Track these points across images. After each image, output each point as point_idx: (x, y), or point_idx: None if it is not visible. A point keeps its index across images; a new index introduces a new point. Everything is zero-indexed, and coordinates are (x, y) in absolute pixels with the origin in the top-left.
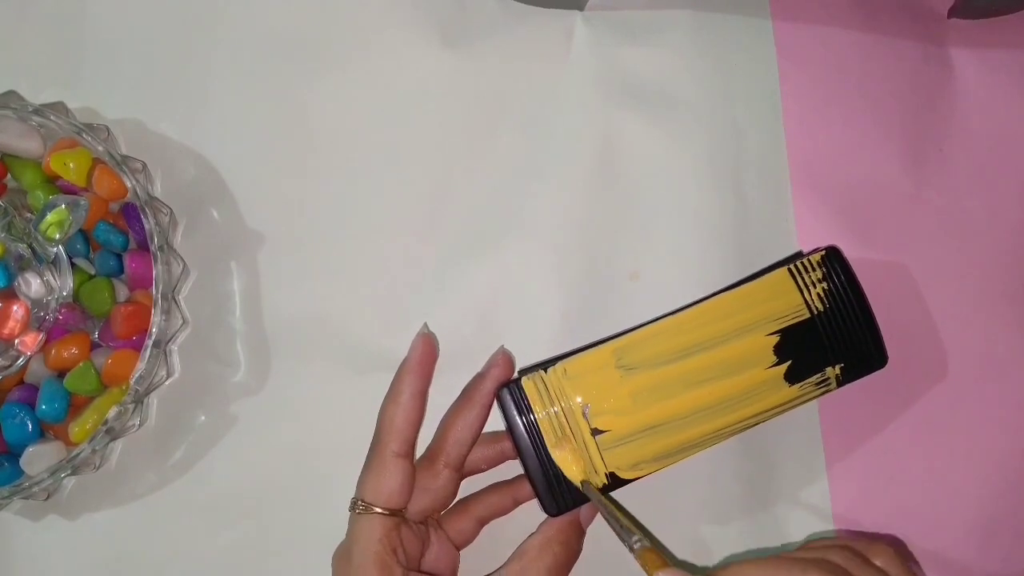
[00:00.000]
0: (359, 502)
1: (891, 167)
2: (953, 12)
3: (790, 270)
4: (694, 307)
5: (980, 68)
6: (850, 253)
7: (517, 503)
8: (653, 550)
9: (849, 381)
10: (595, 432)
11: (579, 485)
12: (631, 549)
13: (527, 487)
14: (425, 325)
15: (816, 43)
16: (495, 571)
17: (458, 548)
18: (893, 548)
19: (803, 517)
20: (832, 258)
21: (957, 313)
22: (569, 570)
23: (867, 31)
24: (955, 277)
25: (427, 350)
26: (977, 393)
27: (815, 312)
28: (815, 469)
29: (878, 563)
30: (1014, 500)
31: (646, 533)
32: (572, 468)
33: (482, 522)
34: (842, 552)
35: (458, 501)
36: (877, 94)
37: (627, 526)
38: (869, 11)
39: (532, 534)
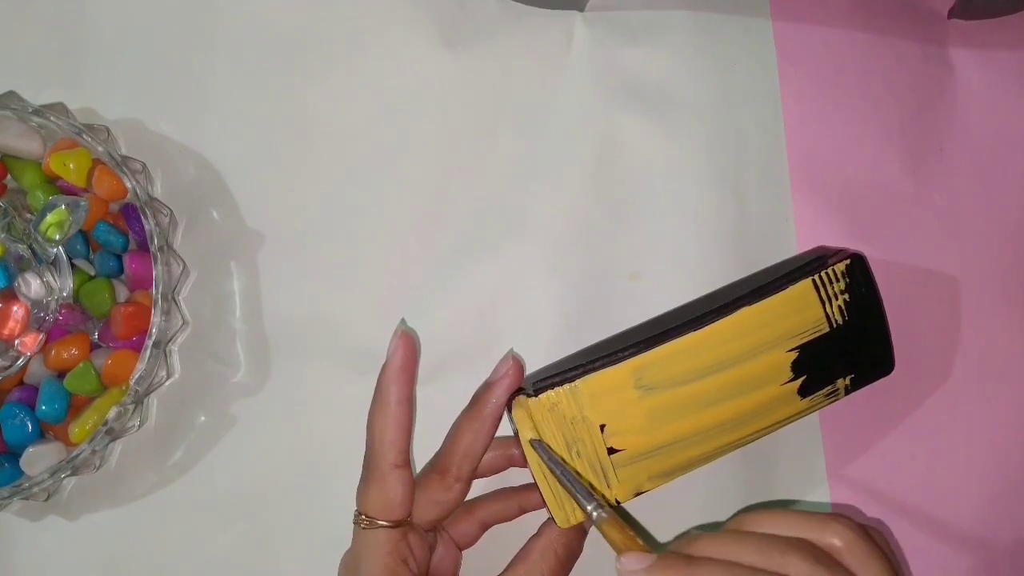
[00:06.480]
0: (363, 517)
1: (891, 167)
2: (953, 12)
3: (814, 282)
4: (717, 322)
5: (980, 68)
6: None
7: (523, 511)
8: (616, 523)
9: (855, 390)
10: (611, 451)
11: (528, 443)
12: (589, 516)
13: (534, 496)
14: (403, 321)
15: (816, 43)
16: (499, 575)
17: (460, 549)
18: (847, 525)
19: None
20: (856, 268)
21: (957, 313)
22: (570, 571)
23: (867, 31)
24: (955, 277)
25: (408, 352)
26: (977, 394)
27: (834, 325)
28: (815, 473)
29: (835, 542)
30: (1014, 502)
31: (609, 504)
32: (524, 424)
33: (486, 526)
34: (803, 548)
35: (463, 503)
36: (877, 94)
37: (587, 490)
38: (869, 11)
39: (533, 536)
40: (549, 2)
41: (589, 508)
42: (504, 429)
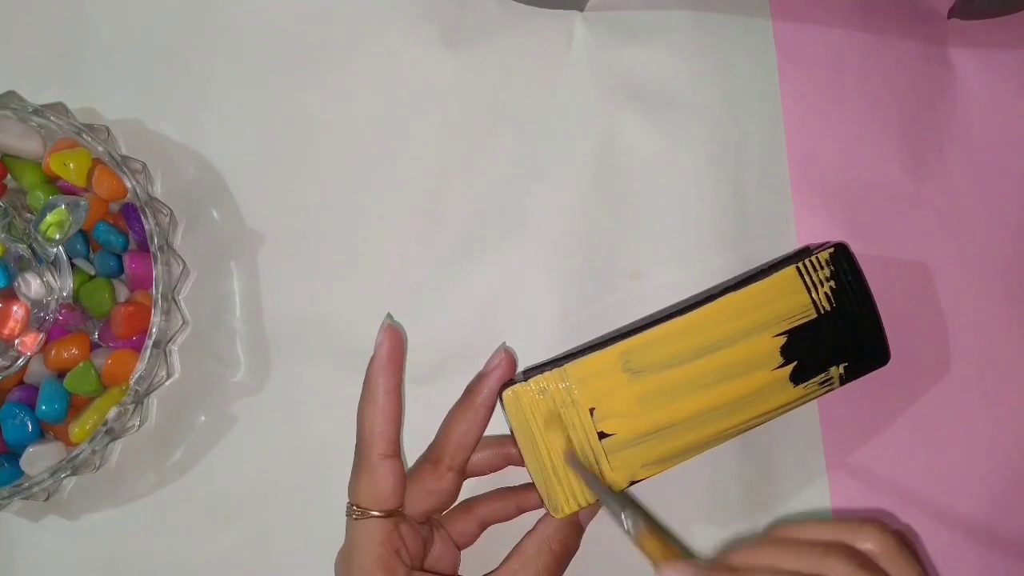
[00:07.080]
0: (354, 507)
1: (891, 167)
2: (953, 12)
3: (798, 269)
4: (702, 308)
5: (980, 68)
6: None
7: (521, 511)
8: (653, 534)
9: (851, 379)
10: (601, 435)
11: (564, 458)
12: (626, 530)
13: (533, 496)
14: (389, 315)
15: (816, 43)
16: (494, 570)
17: (459, 548)
18: (881, 529)
19: (803, 518)
20: (840, 256)
21: (957, 312)
22: (566, 567)
23: (867, 31)
24: (955, 277)
25: (394, 343)
26: (977, 392)
27: (822, 312)
28: (815, 469)
29: (869, 546)
30: (1015, 499)
31: (644, 514)
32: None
33: (484, 525)
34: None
35: (461, 502)
36: (877, 94)
37: (622, 500)
38: (869, 11)
39: (530, 531)
40: (549, 2)
41: (623, 516)
42: (501, 427)
